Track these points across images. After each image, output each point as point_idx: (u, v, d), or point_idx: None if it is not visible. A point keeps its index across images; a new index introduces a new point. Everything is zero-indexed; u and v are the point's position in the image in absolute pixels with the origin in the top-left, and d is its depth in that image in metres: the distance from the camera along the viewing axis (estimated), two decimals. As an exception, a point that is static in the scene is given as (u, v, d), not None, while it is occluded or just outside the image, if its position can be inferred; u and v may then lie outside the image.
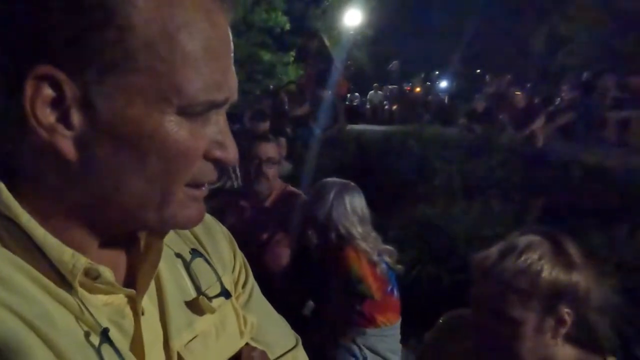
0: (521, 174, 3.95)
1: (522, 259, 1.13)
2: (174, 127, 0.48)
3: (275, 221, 2.39)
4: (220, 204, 2.54)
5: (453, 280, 2.87)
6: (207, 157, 0.51)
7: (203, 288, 0.62)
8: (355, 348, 2.12)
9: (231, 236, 0.73)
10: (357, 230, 2.09)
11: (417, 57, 18.22)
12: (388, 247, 2.19)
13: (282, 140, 6.27)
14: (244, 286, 0.71)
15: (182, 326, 0.58)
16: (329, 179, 2.25)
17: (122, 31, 0.44)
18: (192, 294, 0.61)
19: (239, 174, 3.64)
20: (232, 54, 0.52)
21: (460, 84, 14.10)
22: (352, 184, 2.22)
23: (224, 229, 0.73)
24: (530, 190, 3.44)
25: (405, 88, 15.27)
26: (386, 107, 14.60)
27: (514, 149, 4.60)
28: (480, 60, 14.85)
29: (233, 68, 0.52)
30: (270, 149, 2.39)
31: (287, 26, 10.86)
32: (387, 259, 2.16)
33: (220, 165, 0.52)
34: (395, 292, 2.20)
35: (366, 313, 2.10)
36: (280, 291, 2.34)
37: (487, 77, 9.88)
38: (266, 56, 11.00)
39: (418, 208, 3.59)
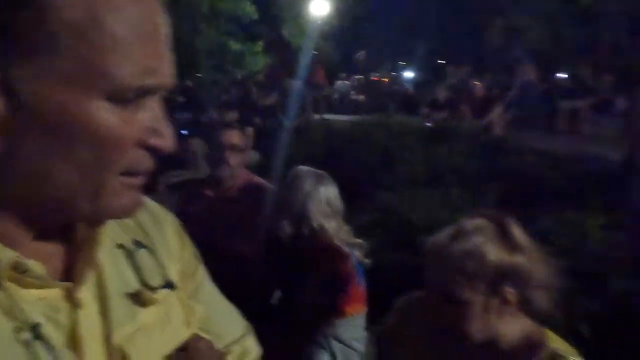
0: (480, 161, 4.01)
1: (469, 241, 1.14)
2: (103, 113, 0.45)
3: (240, 211, 2.33)
4: (186, 193, 2.49)
5: (414, 266, 2.91)
6: (141, 144, 0.48)
7: (147, 279, 0.59)
8: (321, 338, 2.08)
9: (180, 225, 0.70)
10: (331, 224, 2.06)
11: (383, 48, 18.27)
12: (358, 240, 2.17)
13: (249, 129, 6.21)
14: (192, 276, 0.68)
15: (124, 319, 0.55)
16: (303, 168, 2.19)
17: (42, 12, 0.41)
18: (135, 285, 0.58)
19: (206, 163, 3.57)
20: (167, 39, 0.49)
21: (423, 75, 14.23)
22: (326, 174, 2.17)
23: (173, 218, 0.70)
24: (488, 177, 3.50)
25: (372, 78, 15.33)
26: (353, 96, 14.64)
27: (474, 137, 4.67)
28: (442, 52, 15.00)
29: (168, 53, 0.49)
30: (234, 136, 2.33)
31: (255, 15, 10.69)
32: (356, 252, 2.15)
33: (156, 153, 0.50)
34: (362, 283, 2.17)
35: (334, 305, 2.07)
36: (247, 281, 2.22)
37: (448, 68, 10.00)
38: (235, 46, 10.82)
39: (381, 195, 3.61)
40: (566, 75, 7.02)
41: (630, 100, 4.50)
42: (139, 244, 0.61)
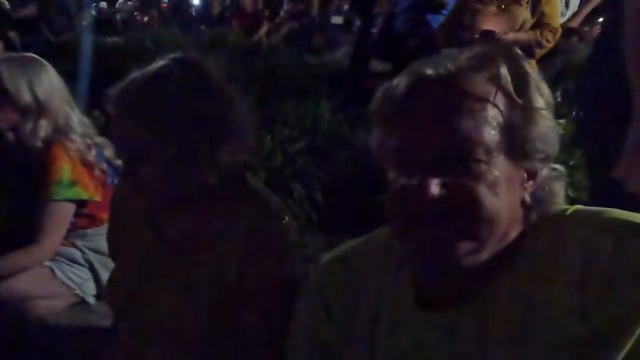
0: (243, 66, 3.97)
1: (155, 84, 0.96)
2: None
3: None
4: None
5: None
6: None
7: None
8: (76, 253, 1.71)
9: None
10: (73, 119, 1.64)
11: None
12: (102, 138, 1.82)
13: (-2, 43, 5.04)
14: None
15: None
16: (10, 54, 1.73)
17: None
18: None
19: None
20: None
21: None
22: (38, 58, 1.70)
23: None
24: (249, 78, 3.50)
25: (162, 5, 13.89)
26: (138, 17, 13.09)
27: (239, 47, 4.59)
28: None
29: None
30: None
31: None
32: (106, 152, 1.75)
33: None
34: (116, 182, 1.75)
35: (86, 214, 1.69)
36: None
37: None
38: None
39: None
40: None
41: (362, 20, 4.88)
42: None
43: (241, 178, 1.09)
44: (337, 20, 6.47)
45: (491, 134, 0.63)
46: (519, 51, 0.68)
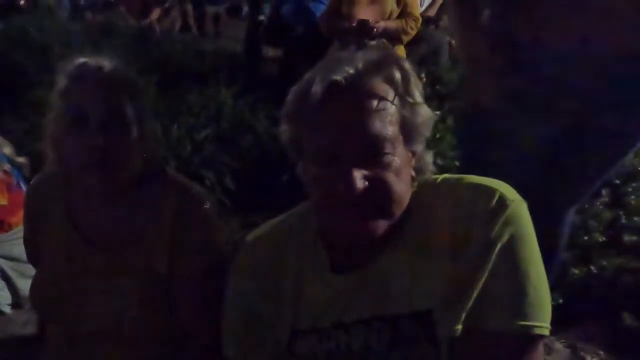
0: (138, 55, 3.65)
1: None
2: None
3: None
4: None
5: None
6: None
7: None
8: None
9: None
10: None
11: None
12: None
13: None
14: None
15: None
16: None
17: None
18: None
19: None
20: None
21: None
22: None
23: None
24: (145, 67, 3.23)
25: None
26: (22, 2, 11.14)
27: (132, 35, 4.19)
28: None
29: None
30: None
31: None
32: (5, 151, 1.57)
33: None
34: (22, 185, 1.61)
35: None
36: None
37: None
38: None
39: (34, 92, 2.92)
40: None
41: (251, 7, 4.73)
42: None
43: (160, 170, 1.06)
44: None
45: (393, 130, 0.70)
46: (401, 55, 0.76)
